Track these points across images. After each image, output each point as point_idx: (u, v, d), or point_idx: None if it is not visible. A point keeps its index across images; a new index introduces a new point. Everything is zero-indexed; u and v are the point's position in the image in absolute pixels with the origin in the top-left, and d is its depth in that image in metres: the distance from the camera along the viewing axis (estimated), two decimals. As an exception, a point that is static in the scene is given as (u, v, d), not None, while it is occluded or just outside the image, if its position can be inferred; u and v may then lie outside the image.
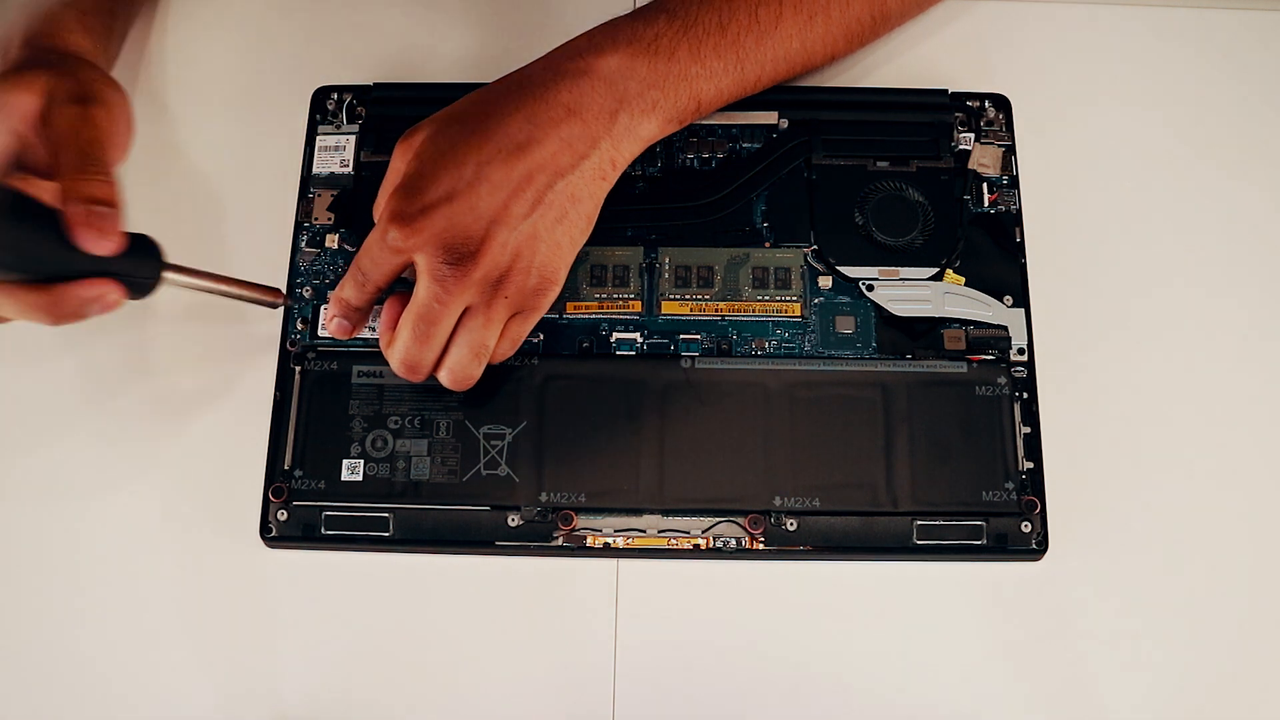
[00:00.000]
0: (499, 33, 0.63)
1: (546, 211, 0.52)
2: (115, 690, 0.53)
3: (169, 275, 0.51)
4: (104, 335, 0.58)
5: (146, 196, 0.55)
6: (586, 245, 0.57)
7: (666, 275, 0.58)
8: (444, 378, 0.53)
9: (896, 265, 0.58)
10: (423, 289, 0.51)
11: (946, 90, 0.61)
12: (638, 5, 0.62)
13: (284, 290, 0.56)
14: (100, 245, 0.47)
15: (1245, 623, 0.54)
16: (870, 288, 0.58)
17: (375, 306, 0.55)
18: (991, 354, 0.57)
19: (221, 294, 0.53)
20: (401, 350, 0.52)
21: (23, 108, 0.49)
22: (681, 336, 0.57)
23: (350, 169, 0.60)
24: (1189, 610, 0.54)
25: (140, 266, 0.49)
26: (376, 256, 0.51)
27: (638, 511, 0.55)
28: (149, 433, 0.56)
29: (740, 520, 0.54)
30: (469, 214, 0.50)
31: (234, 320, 0.58)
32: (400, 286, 0.53)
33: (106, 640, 0.54)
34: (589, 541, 0.54)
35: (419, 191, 0.51)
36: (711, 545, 0.54)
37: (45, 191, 0.47)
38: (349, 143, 0.60)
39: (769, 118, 0.60)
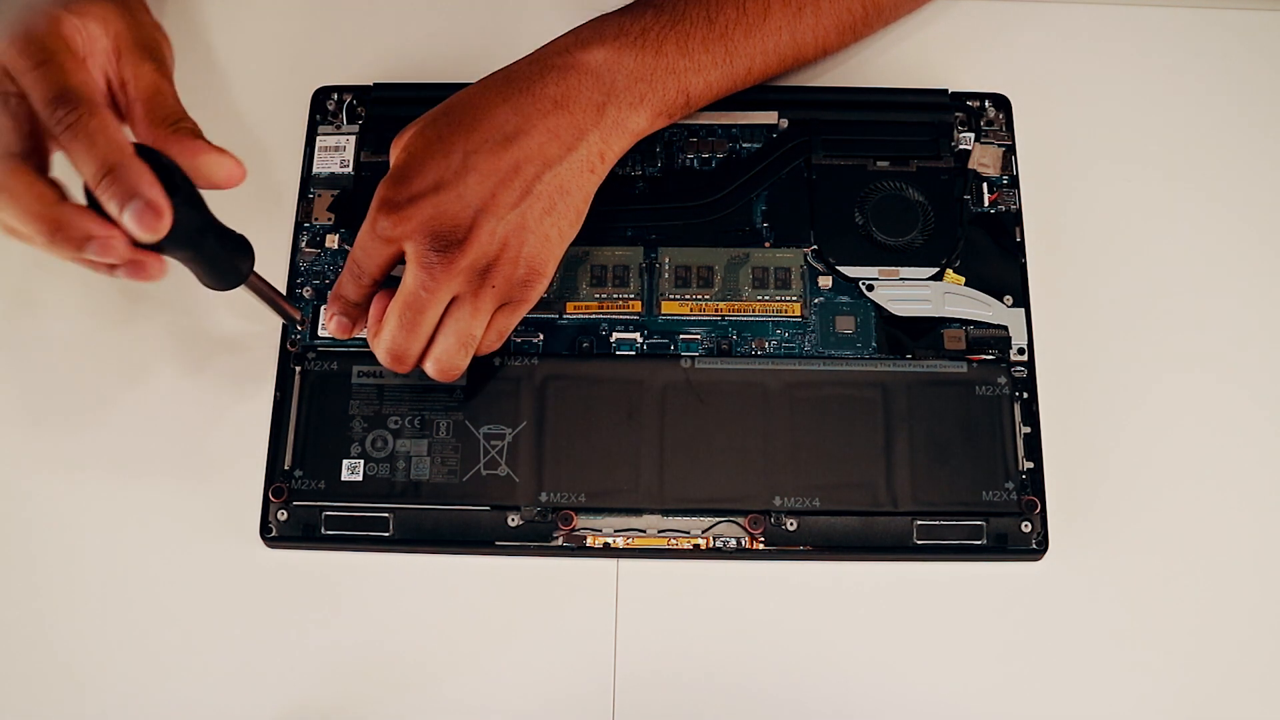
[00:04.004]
0: (499, 33, 0.63)
1: (535, 202, 0.52)
2: (115, 690, 0.53)
3: (251, 279, 0.51)
4: (105, 335, 0.58)
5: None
6: (586, 245, 0.57)
7: (666, 275, 0.58)
8: (430, 368, 0.53)
9: (896, 265, 0.58)
10: (410, 277, 0.51)
11: (946, 90, 0.61)
12: (638, 5, 0.62)
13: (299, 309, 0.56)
14: (231, 169, 0.48)
15: (1246, 622, 0.54)
16: (870, 288, 0.58)
17: (375, 306, 0.55)
18: (991, 354, 0.57)
19: (268, 303, 0.53)
20: (388, 339, 0.52)
21: (102, 44, 0.48)
22: (681, 336, 0.57)
23: (350, 169, 0.60)
24: (1189, 610, 0.54)
25: (242, 261, 0.50)
26: (368, 247, 0.51)
27: (638, 511, 0.55)
28: (149, 432, 0.56)
29: (740, 520, 0.54)
30: (456, 202, 0.50)
31: (234, 320, 0.58)
32: (394, 283, 0.53)
33: (106, 640, 0.54)
34: (589, 541, 0.54)
35: (407, 180, 0.51)
36: (711, 545, 0.54)
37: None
38: (349, 143, 0.60)
39: (769, 118, 0.61)
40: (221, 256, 0.49)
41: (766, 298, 0.58)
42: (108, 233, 0.46)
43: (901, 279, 0.58)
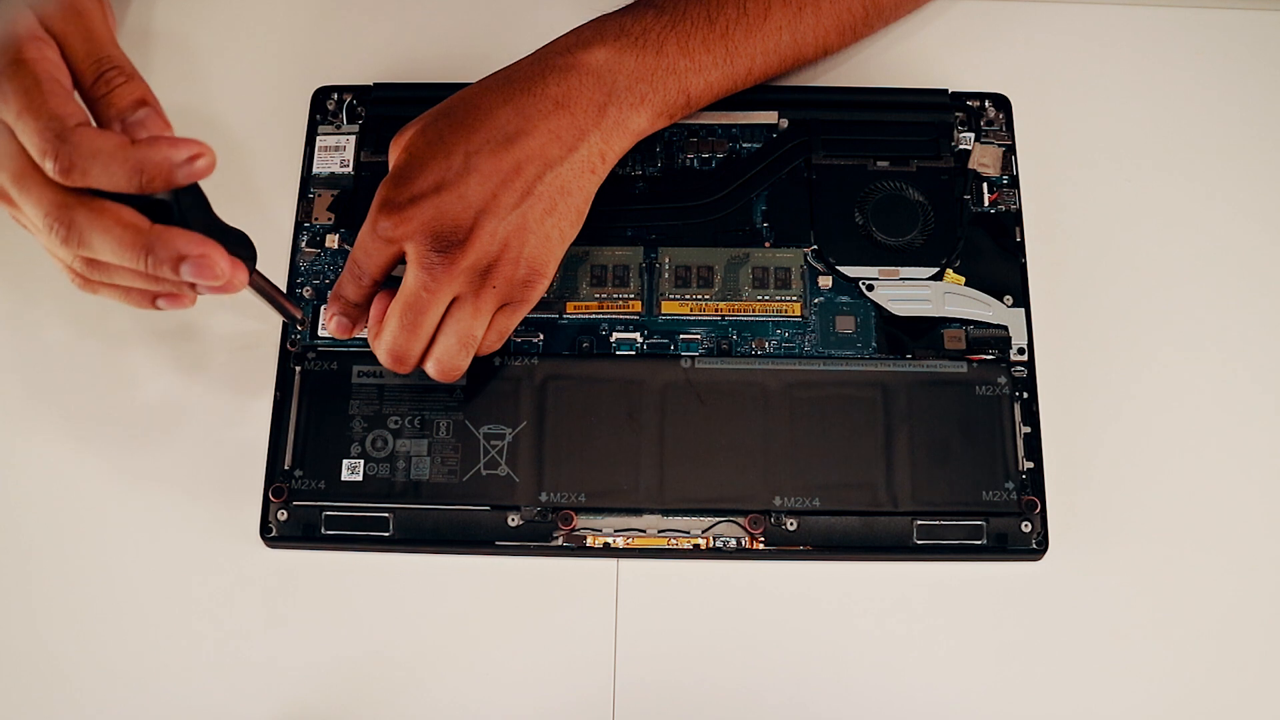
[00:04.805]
0: (499, 33, 0.63)
1: (536, 203, 0.52)
2: (115, 690, 0.53)
3: (253, 277, 0.51)
4: (104, 335, 0.58)
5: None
6: (586, 245, 0.57)
7: (666, 275, 0.58)
8: (431, 369, 0.53)
9: (896, 265, 0.58)
10: (411, 278, 0.51)
11: (946, 90, 0.61)
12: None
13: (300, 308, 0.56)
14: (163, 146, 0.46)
15: (1245, 622, 0.54)
16: (870, 288, 0.58)
17: (375, 305, 0.55)
18: (991, 354, 0.57)
19: (269, 301, 0.53)
20: (389, 340, 0.52)
21: (26, 23, 0.47)
22: (681, 336, 0.57)
23: (350, 169, 0.60)
24: (1189, 610, 0.54)
25: (245, 260, 0.49)
26: (369, 248, 0.51)
27: (638, 511, 0.55)
28: (149, 432, 0.56)
29: (740, 520, 0.54)
30: (458, 203, 0.50)
31: (234, 320, 0.58)
32: (394, 284, 0.53)
33: (106, 640, 0.54)
34: (589, 541, 0.54)
35: (408, 181, 0.51)
36: (711, 545, 0.54)
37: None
38: (349, 143, 0.60)
39: (769, 118, 0.61)
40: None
41: (766, 298, 0.58)
42: (203, 250, 0.46)
43: (901, 279, 0.58)
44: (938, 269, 0.58)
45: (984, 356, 0.57)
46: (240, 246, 0.49)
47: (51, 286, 0.59)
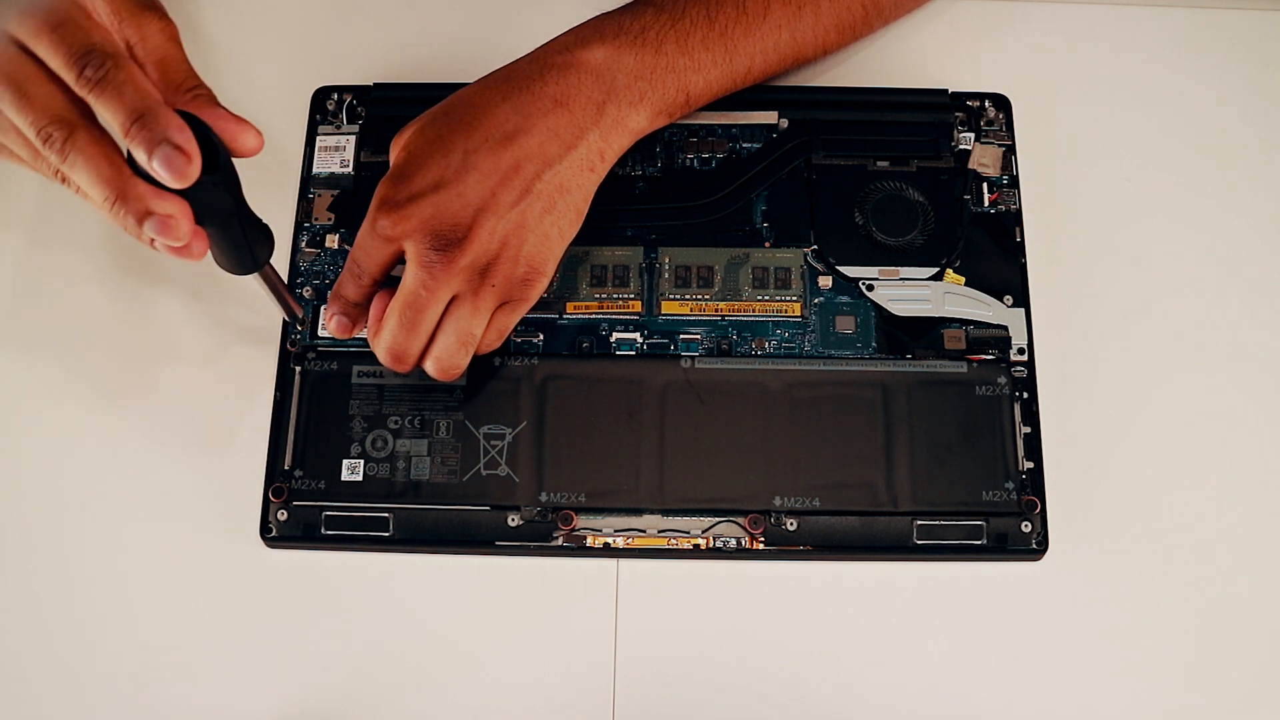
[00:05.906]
0: (499, 33, 0.63)
1: (535, 201, 0.52)
2: (115, 690, 0.53)
3: (266, 268, 0.51)
4: (103, 336, 0.58)
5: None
6: (586, 245, 0.57)
7: (666, 275, 0.58)
8: (430, 368, 0.53)
9: (896, 265, 0.58)
10: (410, 276, 0.51)
11: (946, 90, 0.61)
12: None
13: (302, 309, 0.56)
14: (253, 139, 0.48)
15: (1245, 622, 0.54)
16: (870, 288, 0.58)
17: (375, 305, 0.55)
18: (991, 354, 0.57)
19: (274, 295, 0.53)
20: (388, 338, 0.52)
21: (102, 8, 0.47)
22: (681, 336, 0.57)
23: (350, 169, 0.60)
24: (1189, 610, 0.54)
25: (261, 249, 0.50)
26: (368, 247, 0.52)
27: (638, 511, 0.55)
28: (149, 433, 0.56)
29: (740, 520, 0.54)
30: (457, 201, 0.50)
31: (234, 319, 0.58)
32: (394, 283, 0.53)
33: (106, 640, 0.54)
34: (589, 541, 0.54)
35: (407, 179, 0.51)
36: (711, 545, 0.54)
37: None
38: (349, 143, 0.60)
39: (769, 118, 0.61)
40: (244, 242, 0.49)
41: (766, 298, 0.58)
42: (169, 210, 0.45)
43: (901, 279, 0.58)
44: (938, 269, 0.58)
45: (984, 356, 0.57)
46: (261, 236, 0.50)
47: (51, 288, 0.59)
